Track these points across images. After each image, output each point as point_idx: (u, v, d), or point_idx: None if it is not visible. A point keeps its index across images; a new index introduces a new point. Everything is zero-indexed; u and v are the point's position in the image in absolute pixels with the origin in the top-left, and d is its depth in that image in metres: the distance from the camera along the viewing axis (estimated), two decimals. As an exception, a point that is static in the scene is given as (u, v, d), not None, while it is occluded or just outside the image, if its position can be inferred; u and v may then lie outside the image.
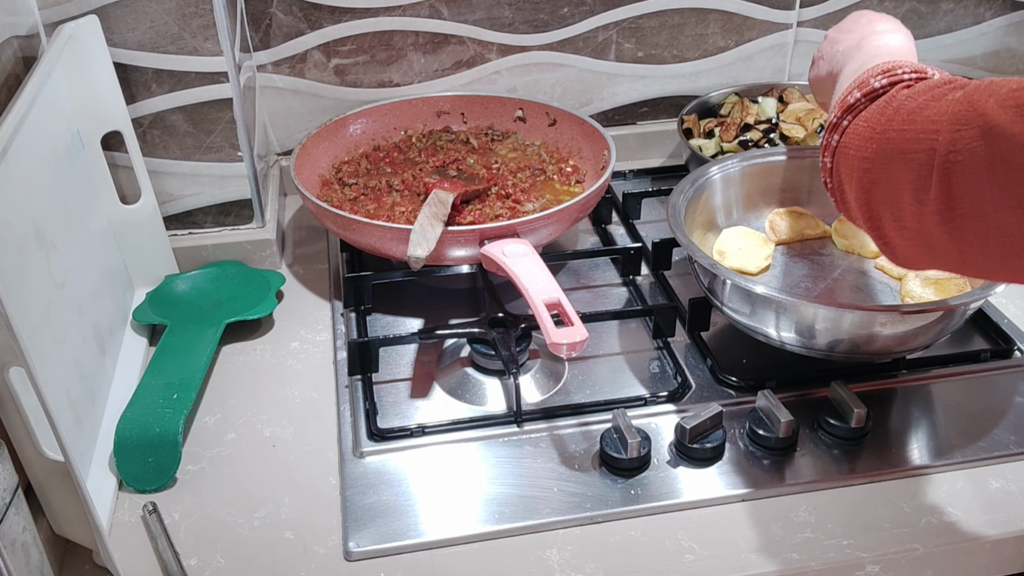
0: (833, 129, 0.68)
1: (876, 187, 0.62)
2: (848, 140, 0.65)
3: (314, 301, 1.01)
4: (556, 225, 0.95)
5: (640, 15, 1.19)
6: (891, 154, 0.60)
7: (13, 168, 0.70)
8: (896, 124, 0.60)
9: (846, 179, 0.65)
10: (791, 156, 1.01)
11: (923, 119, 0.57)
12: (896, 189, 0.60)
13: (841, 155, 0.66)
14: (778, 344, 0.84)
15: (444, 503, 0.75)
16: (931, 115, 0.57)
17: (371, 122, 1.15)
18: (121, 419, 0.78)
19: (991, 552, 0.73)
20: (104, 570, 0.71)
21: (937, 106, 0.57)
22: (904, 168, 0.58)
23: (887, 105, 0.62)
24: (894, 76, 0.66)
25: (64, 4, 0.88)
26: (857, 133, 0.64)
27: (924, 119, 0.57)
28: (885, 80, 0.66)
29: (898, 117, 0.60)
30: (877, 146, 0.61)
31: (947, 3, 1.26)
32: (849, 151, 0.64)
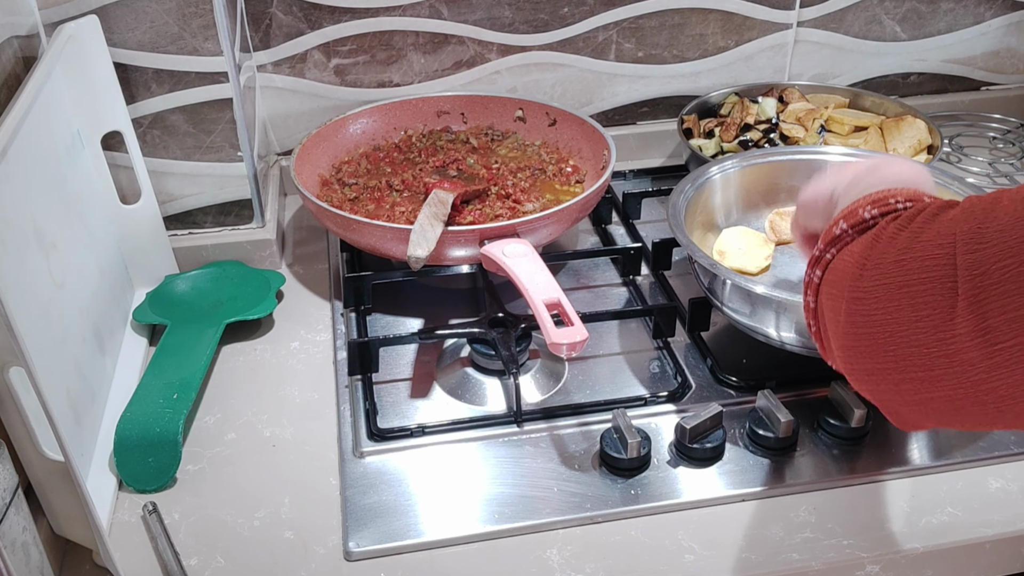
0: (816, 263, 0.60)
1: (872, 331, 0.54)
2: (832, 278, 0.58)
3: (314, 301, 1.01)
4: (556, 225, 0.95)
5: (640, 15, 1.19)
6: (890, 290, 0.52)
7: (13, 168, 0.70)
8: (891, 256, 0.53)
9: (831, 322, 0.58)
10: (791, 156, 1.01)
11: (921, 245, 0.51)
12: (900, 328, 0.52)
13: (825, 295, 0.58)
14: (778, 344, 0.84)
15: (444, 503, 0.75)
16: (930, 239, 0.51)
17: (371, 122, 1.15)
18: (121, 419, 0.78)
19: (991, 552, 0.73)
20: (104, 570, 0.71)
21: (933, 228, 0.51)
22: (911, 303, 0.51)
23: (876, 239, 0.55)
24: (885, 206, 0.58)
25: (64, 4, 0.88)
26: (843, 269, 0.56)
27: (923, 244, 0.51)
28: (875, 211, 0.58)
29: (892, 250, 0.53)
30: (870, 283, 0.54)
31: (947, 3, 1.26)
32: (833, 290, 0.57)
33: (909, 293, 0.51)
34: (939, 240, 0.50)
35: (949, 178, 0.93)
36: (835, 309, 0.57)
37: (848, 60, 1.28)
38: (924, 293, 0.50)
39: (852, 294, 0.55)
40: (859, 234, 0.58)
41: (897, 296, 0.52)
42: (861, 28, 1.26)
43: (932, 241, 0.51)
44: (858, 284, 0.55)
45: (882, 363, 0.54)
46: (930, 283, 0.50)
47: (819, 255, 0.60)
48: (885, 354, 0.53)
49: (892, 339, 0.52)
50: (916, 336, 0.50)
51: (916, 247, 0.51)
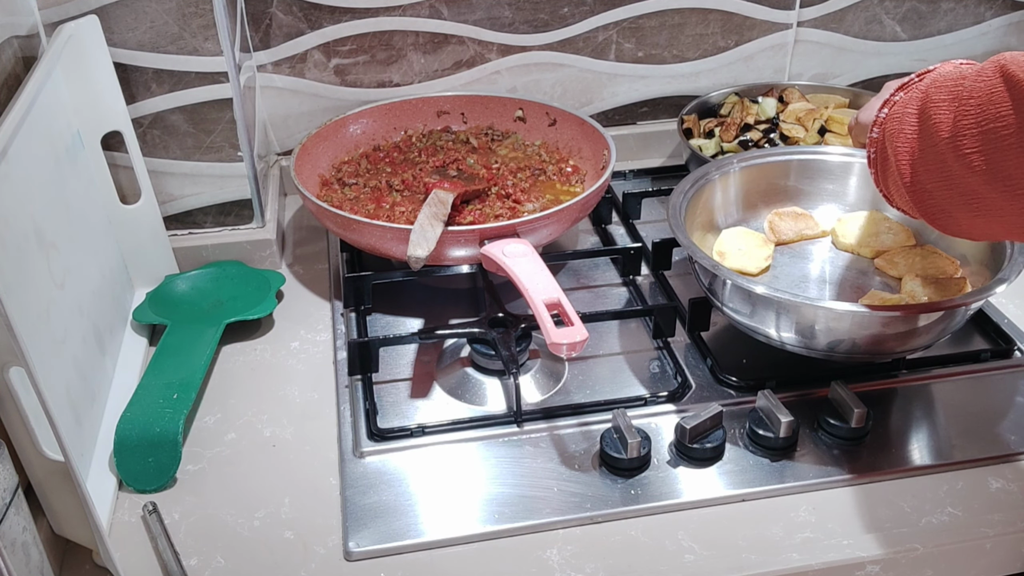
0: (885, 104, 0.72)
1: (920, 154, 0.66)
2: (895, 110, 0.69)
3: (314, 301, 1.01)
4: (556, 225, 0.95)
5: (640, 15, 1.19)
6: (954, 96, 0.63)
7: (13, 168, 0.70)
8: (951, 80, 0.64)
9: (890, 147, 0.69)
10: (791, 156, 1.01)
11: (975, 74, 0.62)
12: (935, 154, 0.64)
13: (888, 127, 0.70)
14: (778, 344, 0.84)
15: (444, 503, 0.75)
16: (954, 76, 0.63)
17: (371, 122, 1.15)
18: (121, 419, 0.78)
19: (991, 552, 0.73)
20: (104, 570, 0.71)
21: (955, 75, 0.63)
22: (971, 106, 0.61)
23: (935, 77, 0.67)
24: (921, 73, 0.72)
25: (64, 4, 0.88)
26: (904, 102, 0.69)
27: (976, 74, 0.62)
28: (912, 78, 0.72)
29: (950, 80, 0.64)
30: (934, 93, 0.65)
31: (947, 3, 1.26)
32: (894, 119, 0.69)
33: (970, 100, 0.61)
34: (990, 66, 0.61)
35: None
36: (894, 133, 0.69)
37: (848, 60, 1.28)
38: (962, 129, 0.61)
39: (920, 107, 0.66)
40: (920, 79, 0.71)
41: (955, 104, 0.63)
42: (861, 28, 1.26)
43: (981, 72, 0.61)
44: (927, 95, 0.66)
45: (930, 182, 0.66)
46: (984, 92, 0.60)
47: (890, 96, 0.72)
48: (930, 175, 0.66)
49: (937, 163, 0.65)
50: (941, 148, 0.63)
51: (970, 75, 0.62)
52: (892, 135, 0.70)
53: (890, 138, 0.70)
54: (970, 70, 0.63)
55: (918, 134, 0.66)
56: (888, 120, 0.71)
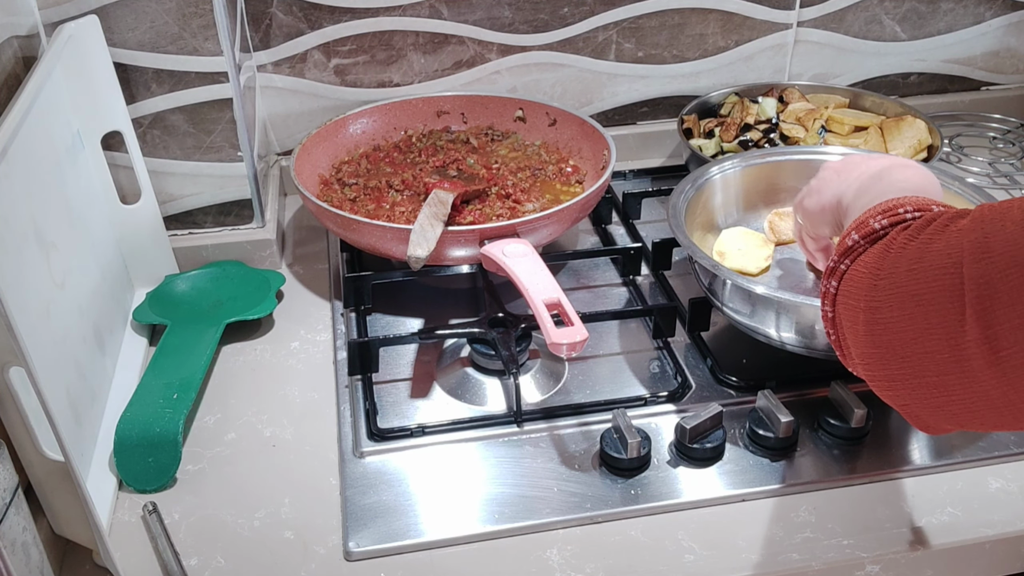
0: (831, 274, 0.62)
1: (889, 339, 0.55)
2: (848, 288, 0.59)
3: (314, 301, 1.01)
4: (556, 225, 0.95)
5: (640, 15, 1.19)
6: (903, 299, 0.54)
7: (13, 168, 0.70)
8: (903, 267, 0.54)
9: (849, 331, 0.59)
10: (791, 156, 1.01)
11: (932, 255, 0.52)
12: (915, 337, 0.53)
13: (842, 304, 0.60)
14: (778, 344, 0.84)
15: (444, 503, 0.75)
16: (939, 249, 0.52)
17: (371, 122, 1.15)
18: (121, 419, 0.78)
19: (991, 552, 0.73)
20: (104, 570, 0.71)
21: (943, 239, 0.52)
22: (923, 312, 0.52)
23: (887, 248, 0.57)
24: (895, 216, 0.59)
25: (64, 4, 0.88)
26: (858, 280, 0.58)
27: (933, 255, 0.52)
28: (885, 220, 0.59)
29: (903, 260, 0.54)
30: (884, 293, 0.55)
31: (947, 3, 1.26)
32: (850, 300, 0.58)
33: (921, 303, 0.52)
34: (948, 251, 0.51)
35: (949, 178, 0.93)
36: (853, 319, 0.58)
37: (848, 60, 1.28)
38: (934, 303, 0.51)
39: (868, 304, 0.56)
40: (871, 244, 0.59)
41: (909, 305, 0.53)
42: (861, 28, 1.26)
43: (941, 252, 0.52)
44: (873, 294, 0.56)
45: (900, 369, 0.55)
46: (939, 292, 0.51)
47: (834, 266, 0.61)
48: (902, 361, 0.54)
49: (907, 347, 0.53)
50: (929, 344, 0.52)
51: (927, 258, 0.52)
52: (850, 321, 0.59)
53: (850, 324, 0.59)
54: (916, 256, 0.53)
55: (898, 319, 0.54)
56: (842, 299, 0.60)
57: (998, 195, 1.13)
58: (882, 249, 0.57)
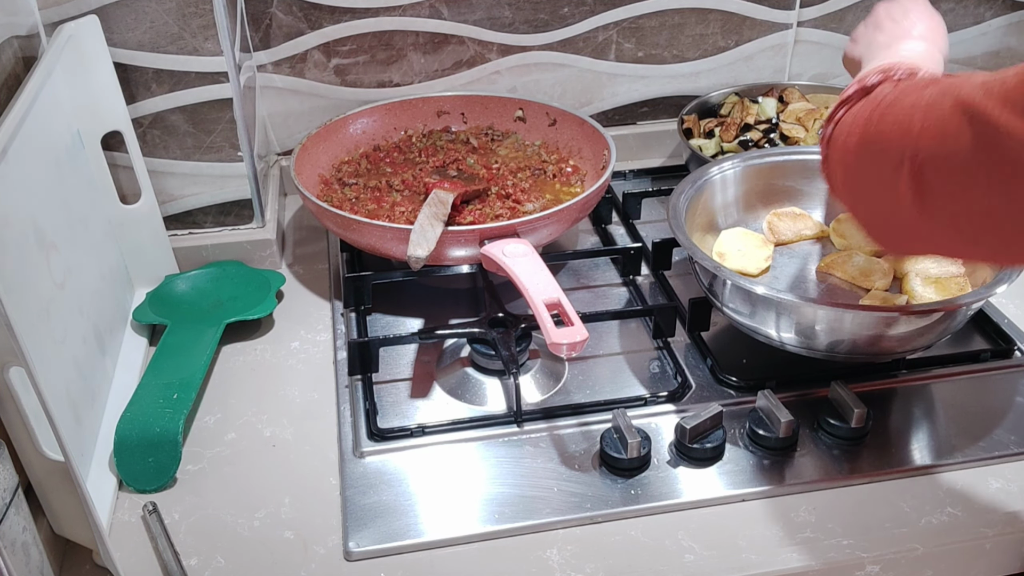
0: (829, 120, 0.70)
1: (857, 177, 0.66)
2: (838, 131, 0.68)
3: (314, 301, 1.01)
4: (556, 225, 0.95)
5: (640, 15, 1.19)
6: (868, 144, 0.63)
7: (13, 168, 0.70)
8: (876, 116, 0.63)
9: (836, 168, 0.69)
10: (791, 156, 1.01)
11: (897, 110, 0.61)
12: (873, 178, 0.63)
13: (832, 145, 0.69)
14: (778, 344, 0.84)
15: (444, 503, 0.75)
16: (905, 106, 0.61)
17: (371, 122, 1.15)
18: (121, 419, 0.78)
19: (991, 552, 0.73)
20: (104, 570, 0.71)
21: (912, 98, 0.61)
22: (878, 157, 0.62)
23: (872, 99, 0.66)
24: (887, 74, 0.69)
25: (64, 4, 0.88)
26: (845, 125, 0.67)
27: (898, 110, 0.61)
28: (878, 78, 0.69)
29: (878, 110, 0.63)
30: (858, 138, 0.64)
31: (947, 3, 1.26)
32: (838, 142, 0.68)
33: (880, 148, 0.62)
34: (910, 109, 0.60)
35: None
36: (843, 157, 0.67)
37: (847, 59, 1.28)
38: (888, 150, 0.61)
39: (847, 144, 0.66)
40: (865, 95, 0.68)
41: (873, 149, 0.63)
42: (861, 28, 1.26)
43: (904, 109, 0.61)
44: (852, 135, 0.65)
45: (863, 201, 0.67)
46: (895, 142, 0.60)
47: (833, 113, 0.70)
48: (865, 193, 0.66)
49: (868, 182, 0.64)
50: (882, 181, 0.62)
51: (895, 110, 0.62)
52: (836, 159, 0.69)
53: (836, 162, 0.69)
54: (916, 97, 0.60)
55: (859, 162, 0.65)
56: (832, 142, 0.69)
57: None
58: (869, 99, 0.66)
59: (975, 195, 0.55)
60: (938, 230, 0.60)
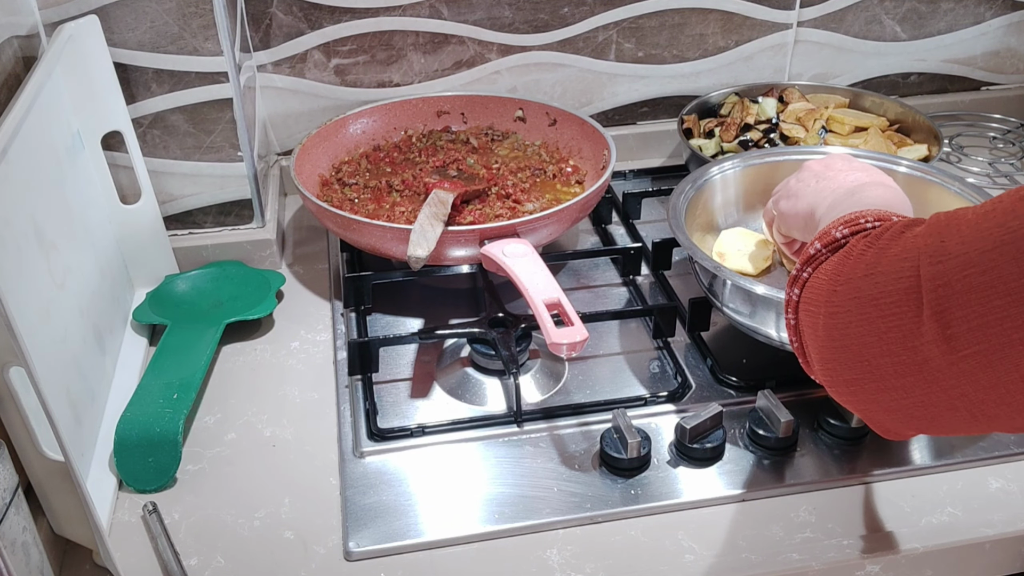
0: (794, 283, 0.63)
1: (848, 343, 0.56)
2: (809, 295, 0.60)
3: (314, 301, 1.01)
4: (556, 225, 0.95)
5: (640, 15, 1.19)
6: (861, 303, 0.55)
7: (13, 168, 0.70)
8: (860, 271, 0.56)
9: (810, 337, 0.60)
10: (791, 156, 1.01)
11: (888, 260, 0.54)
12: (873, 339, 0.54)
13: (804, 311, 0.61)
14: (778, 344, 0.84)
15: (444, 503, 0.75)
16: (896, 254, 0.54)
17: (371, 122, 1.15)
18: (121, 419, 0.78)
19: (991, 552, 0.73)
20: (104, 570, 0.71)
21: (900, 244, 0.54)
22: (880, 315, 0.53)
23: (847, 255, 0.58)
24: (856, 225, 0.61)
25: (64, 4, 0.88)
26: (818, 287, 0.59)
27: (889, 259, 0.54)
28: (846, 230, 0.61)
29: (861, 265, 0.56)
30: (843, 298, 0.57)
31: (947, 3, 1.26)
32: (811, 307, 0.60)
33: (878, 305, 0.53)
34: (904, 255, 0.53)
35: (949, 178, 0.93)
36: (813, 325, 0.60)
37: (848, 60, 1.28)
38: (892, 305, 0.52)
39: (827, 309, 0.58)
40: (832, 253, 0.61)
41: (868, 309, 0.54)
42: (861, 28, 1.26)
43: (898, 256, 0.53)
44: (832, 299, 0.57)
45: (858, 373, 0.56)
46: (897, 295, 0.52)
47: (797, 274, 0.63)
48: (860, 364, 0.56)
49: (866, 350, 0.55)
50: (887, 346, 0.53)
51: (883, 262, 0.54)
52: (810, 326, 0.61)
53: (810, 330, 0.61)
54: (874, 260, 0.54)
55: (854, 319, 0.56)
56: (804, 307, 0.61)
57: (997, 195, 1.13)
58: (842, 256, 0.59)
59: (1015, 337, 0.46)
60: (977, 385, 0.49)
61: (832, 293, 0.58)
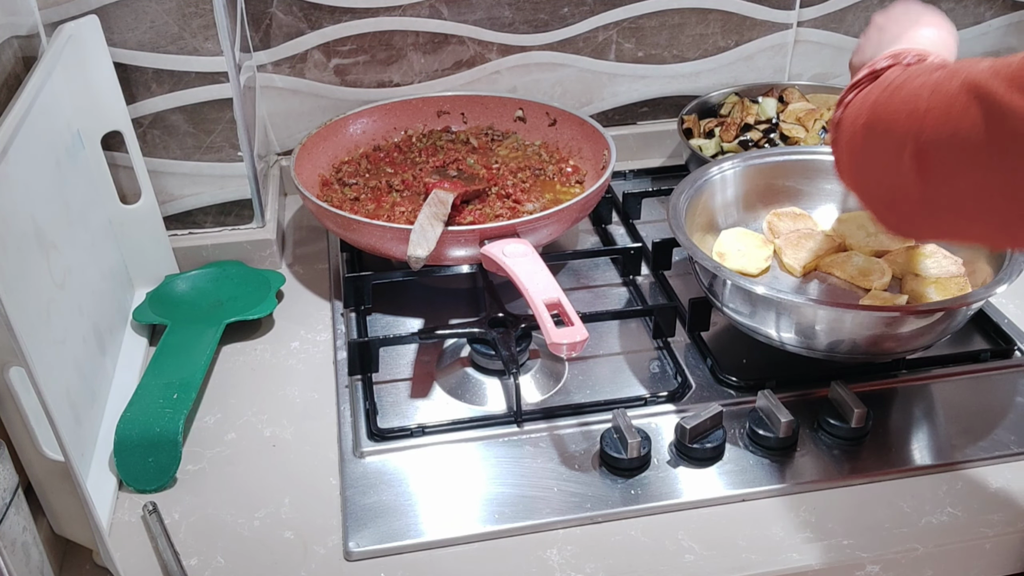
0: (840, 104, 0.72)
1: (863, 158, 0.67)
2: (847, 114, 0.69)
3: (314, 301, 1.01)
4: (556, 225, 0.95)
5: (640, 15, 1.19)
6: (874, 125, 0.65)
7: (13, 168, 0.70)
8: (883, 98, 0.65)
9: (843, 150, 0.70)
10: (791, 156, 1.01)
11: (905, 91, 0.63)
12: (878, 159, 0.64)
13: (841, 128, 0.70)
14: (778, 344, 0.84)
15: (444, 503, 0.75)
16: (913, 87, 0.62)
17: (371, 122, 1.15)
18: (121, 419, 0.78)
19: (991, 552, 0.73)
20: (104, 570, 0.71)
21: (920, 80, 0.62)
22: (884, 138, 0.63)
23: (881, 82, 0.67)
24: (897, 59, 0.71)
25: (64, 4, 0.88)
26: (854, 107, 0.69)
27: (906, 91, 0.62)
28: (889, 62, 0.71)
29: (886, 92, 0.65)
30: (865, 119, 0.66)
31: (947, 3, 1.26)
32: (846, 124, 0.69)
33: (886, 129, 0.63)
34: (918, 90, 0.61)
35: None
36: (851, 139, 0.68)
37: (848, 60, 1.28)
38: (895, 131, 0.62)
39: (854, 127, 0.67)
40: (873, 80, 0.70)
41: (880, 130, 0.64)
42: (861, 28, 1.25)
43: (913, 91, 0.62)
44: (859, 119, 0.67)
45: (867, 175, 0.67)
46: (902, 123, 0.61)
47: (843, 97, 0.71)
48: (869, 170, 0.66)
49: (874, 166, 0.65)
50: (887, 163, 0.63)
51: (902, 92, 0.63)
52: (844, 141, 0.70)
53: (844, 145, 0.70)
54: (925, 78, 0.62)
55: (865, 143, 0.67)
56: (841, 125, 0.70)
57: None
58: (879, 82, 0.68)
59: (977, 174, 0.56)
60: (940, 210, 0.61)
61: (859, 114, 0.67)
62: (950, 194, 0.59)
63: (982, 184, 0.56)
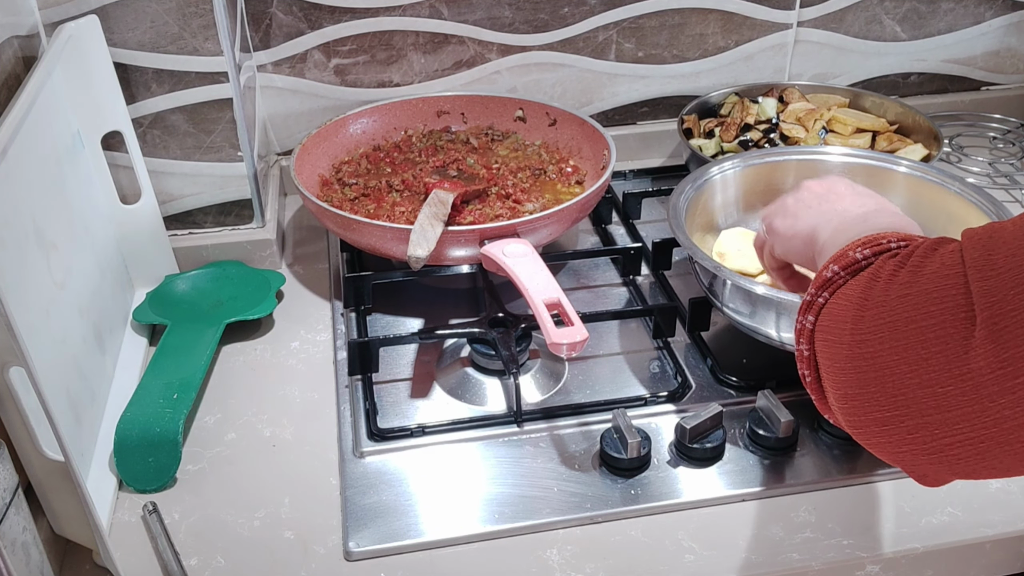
0: (807, 309, 0.57)
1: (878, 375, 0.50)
2: (827, 322, 0.55)
3: (314, 301, 1.01)
4: (556, 225, 0.95)
5: (640, 15, 1.19)
6: (896, 327, 0.49)
7: (13, 168, 0.70)
8: (894, 293, 0.50)
9: (829, 370, 0.55)
10: (791, 156, 1.01)
11: (926, 278, 0.49)
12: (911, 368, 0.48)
13: (820, 341, 0.56)
14: (778, 344, 0.84)
15: (444, 503, 0.75)
16: (934, 270, 0.49)
17: (371, 122, 1.15)
18: (121, 419, 0.78)
19: (991, 552, 0.73)
20: (104, 570, 0.71)
21: (936, 260, 0.49)
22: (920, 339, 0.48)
23: (874, 277, 0.53)
24: (877, 246, 0.56)
25: (64, 4, 0.88)
26: (839, 313, 0.54)
27: (927, 277, 0.49)
28: (867, 251, 0.56)
29: (894, 286, 0.50)
30: (872, 324, 0.51)
31: (947, 3, 1.26)
32: (830, 335, 0.54)
33: (918, 329, 0.48)
34: (945, 271, 0.48)
35: (949, 178, 0.93)
36: (833, 356, 0.54)
37: (848, 60, 1.28)
38: (934, 328, 0.47)
39: (853, 337, 0.52)
40: (851, 276, 0.56)
41: (904, 333, 0.48)
42: (861, 28, 1.26)
43: (938, 272, 0.48)
44: (859, 326, 0.52)
45: (892, 410, 0.50)
46: (940, 316, 0.47)
47: (811, 300, 0.57)
48: (895, 399, 0.49)
49: (901, 381, 0.49)
50: (928, 375, 0.47)
51: (920, 280, 0.49)
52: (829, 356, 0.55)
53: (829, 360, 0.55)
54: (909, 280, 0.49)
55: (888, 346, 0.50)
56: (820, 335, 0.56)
57: (998, 195, 1.13)
58: (868, 278, 0.53)
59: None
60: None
61: (859, 319, 0.52)
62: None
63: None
